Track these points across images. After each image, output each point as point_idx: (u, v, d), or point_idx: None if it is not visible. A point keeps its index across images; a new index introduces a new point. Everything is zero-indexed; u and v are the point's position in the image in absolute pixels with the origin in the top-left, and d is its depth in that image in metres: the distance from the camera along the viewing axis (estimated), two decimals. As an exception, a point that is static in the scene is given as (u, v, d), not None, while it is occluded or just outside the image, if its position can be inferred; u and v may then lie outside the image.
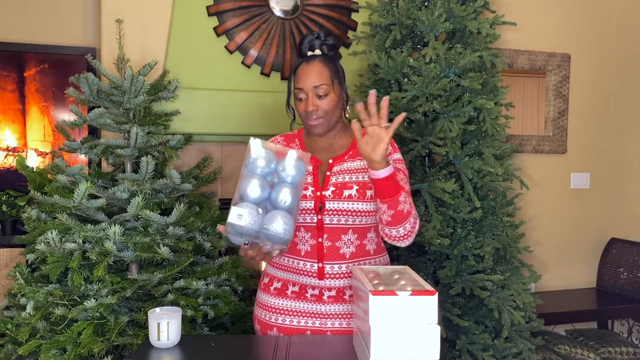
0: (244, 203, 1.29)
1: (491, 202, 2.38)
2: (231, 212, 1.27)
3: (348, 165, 1.59)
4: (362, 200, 1.54)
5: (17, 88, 2.94)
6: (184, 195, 2.22)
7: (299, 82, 1.57)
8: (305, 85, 1.55)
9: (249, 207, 1.28)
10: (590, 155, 3.52)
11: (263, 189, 1.31)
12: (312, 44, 1.59)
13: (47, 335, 1.85)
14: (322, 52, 1.59)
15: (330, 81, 1.56)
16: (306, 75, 1.56)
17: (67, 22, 3.01)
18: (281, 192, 1.31)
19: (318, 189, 1.55)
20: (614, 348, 2.87)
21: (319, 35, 1.60)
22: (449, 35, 2.47)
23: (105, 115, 2.04)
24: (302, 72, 1.57)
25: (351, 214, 1.54)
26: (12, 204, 2.74)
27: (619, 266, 3.38)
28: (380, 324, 1.15)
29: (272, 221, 1.29)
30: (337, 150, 1.64)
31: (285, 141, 1.68)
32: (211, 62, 2.77)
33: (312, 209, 1.54)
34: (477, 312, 2.29)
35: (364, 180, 1.56)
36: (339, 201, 1.53)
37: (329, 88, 1.56)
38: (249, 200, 1.30)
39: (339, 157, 1.61)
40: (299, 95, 1.58)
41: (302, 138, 1.68)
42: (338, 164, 1.60)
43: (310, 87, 1.55)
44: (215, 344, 1.43)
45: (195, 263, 2.11)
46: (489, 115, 2.34)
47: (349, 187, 1.54)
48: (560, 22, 3.41)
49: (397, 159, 1.61)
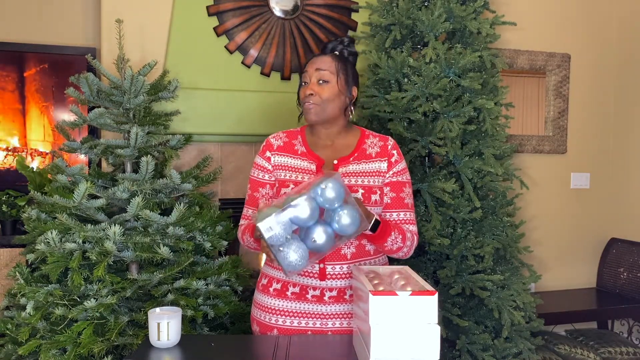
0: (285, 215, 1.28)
1: (491, 202, 2.38)
2: (264, 223, 1.26)
3: (353, 167, 1.58)
4: (367, 204, 1.54)
5: (17, 88, 2.94)
6: (184, 195, 2.22)
7: (306, 67, 1.60)
8: (310, 69, 1.59)
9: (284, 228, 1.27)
10: (590, 155, 3.52)
11: (312, 218, 1.30)
12: (334, 47, 1.63)
13: (47, 335, 1.85)
14: (342, 55, 1.63)
15: (335, 71, 1.57)
16: (314, 61, 1.60)
17: (67, 22, 3.01)
18: (317, 231, 1.31)
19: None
20: (614, 348, 2.87)
21: (342, 40, 1.64)
22: (449, 35, 2.47)
23: (105, 115, 2.04)
24: (312, 60, 1.61)
25: None
26: (12, 204, 2.74)
27: (619, 266, 3.37)
28: (380, 324, 1.15)
29: (289, 249, 1.29)
30: (342, 150, 1.62)
31: (288, 137, 1.66)
32: (211, 62, 2.77)
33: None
34: (477, 312, 2.29)
35: (369, 184, 1.56)
36: None
37: (332, 77, 1.57)
38: (292, 218, 1.29)
39: (344, 157, 1.60)
40: (303, 79, 1.60)
41: (304, 135, 1.67)
42: (343, 165, 1.58)
43: (313, 71, 1.57)
44: (215, 344, 1.43)
45: (195, 263, 2.11)
46: (489, 115, 2.34)
47: (355, 191, 1.54)
48: (560, 22, 3.41)
49: (402, 169, 1.62)
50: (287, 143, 1.64)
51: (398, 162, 1.61)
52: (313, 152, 1.62)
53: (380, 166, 1.60)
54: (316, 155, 1.60)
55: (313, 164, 1.59)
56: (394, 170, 1.60)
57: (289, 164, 1.61)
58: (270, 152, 1.64)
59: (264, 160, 1.64)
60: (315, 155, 1.61)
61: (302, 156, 1.61)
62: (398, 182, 1.61)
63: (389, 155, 1.61)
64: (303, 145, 1.63)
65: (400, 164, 1.62)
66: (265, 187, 1.63)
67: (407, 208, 1.61)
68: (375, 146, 1.62)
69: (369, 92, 2.44)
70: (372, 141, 1.64)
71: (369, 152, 1.61)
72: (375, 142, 1.64)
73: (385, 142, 1.64)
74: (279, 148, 1.63)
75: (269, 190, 1.63)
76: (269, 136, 1.67)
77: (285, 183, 1.58)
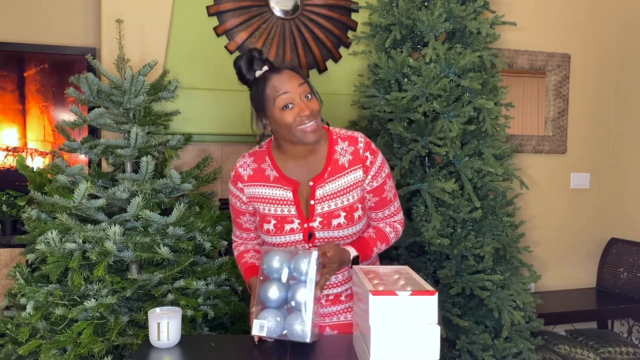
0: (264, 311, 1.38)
1: (491, 202, 2.38)
2: (254, 325, 1.37)
3: (330, 187, 1.51)
4: (351, 224, 1.52)
5: (17, 88, 2.94)
6: (184, 195, 2.22)
7: (281, 88, 1.42)
8: (292, 88, 1.42)
9: (270, 315, 1.37)
10: (590, 155, 3.52)
11: (281, 291, 1.39)
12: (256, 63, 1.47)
13: (47, 335, 1.85)
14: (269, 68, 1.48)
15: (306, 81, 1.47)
16: (282, 81, 1.43)
17: (67, 22, 3.01)
18: (297, 292, 1.38)
19: (304, 221, 1.51)
20: (613, 348, 2.87)
21: (254, 55, 1.47)
22: (449, 35, 2.47)
23: (105, 115, 2.04)
24: (279, 80, 1.43)
25: (342, 239, 1.54)
26: (12, 204, 2.74)
27: (619, 266, 3.37)
28: (380, 324, 1.15)
29: (292, 325, 1.36)
30: (314, 166, 1.52)
31: (256, 162, 1.56)
32: (211, 62, 2.77)
33: (302, 240, 1.52)
34: (477, 312, 2.29)
35: (349, 203, 1.51)
36: (329, 230, 1.51)
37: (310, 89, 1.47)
38: (269, 303, 1.39)
39: (318, 176, 1.51)
40: (285, 102, 1.42)
41: (272, 155, 1.56)
42: (320, 186, 1.51)
43: (296, 88, 1.42)
44: (215, 344, 1.43)
45: (195, 263, 2.11)
46: (489, 115, 2.34)
47: (336, 216, 1.50)
48: (560, 22, 3.41)
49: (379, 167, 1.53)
50: (256, 170, 1.55)
51: (373, 163, 1.51)
52: (286, 176, 1.53)
53: (357, 176, 1.51)
54: (290, 180, 1.52)
55: (289, 190, 1.52)
56: (371, 173, 1.51)
57: (264, 195, 1.54)
58: (242, 183, 1.56)
59: (238, 190, 1.57)
60: (289, 180, 1.52)
61: (275, 183, 1.53)
62: (378, 186, 1.54)
63: (362, 161, 1.51)
64: (274, 169, 1.54)
65: (376, 163, 1.52)
66: (245, 216, 1.62)
67: (391, 202, 1.60)
68: (346, 153, 1.51)
69: (369, 92, 2.44)
70: (342, 147, 1.52)
71: (342, 163, 1.51)
72: (345, 147, 1.51)
73: (356, 146, 1.51)
74: (250, 178, 1.55)
75: (249, 217, 1.62)
76: (237, 164, 1.58)
77: (266, 218, 1.53)
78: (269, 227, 1.53)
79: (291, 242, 1.52)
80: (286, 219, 1.51)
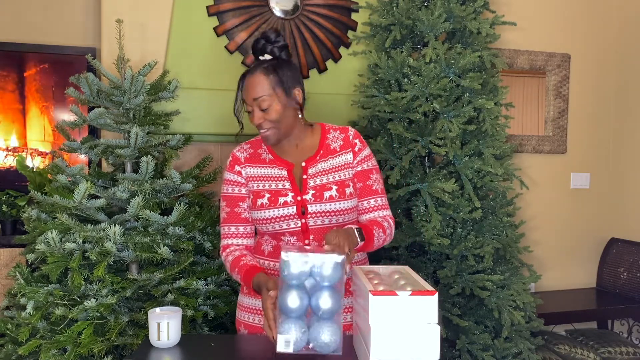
0: (284, 323, 1.25)
1: (491, 202, 2.38)
2: (278, 341, 1.24)
3: (322, 165, 1.60)
4: (343, 198, 1.56)
5: (17, 88, 2.94)
6: (184, 195, 2.23)
7: (245, 94, 1.57)
8: (248, 99, 1.56)
9: (294, 326, 1.25)
10: (590, 155, 3.52)
11: (302, 299, 1.26)
12: (263, 48, 1.57)
13: (47, 335, 1.85)
14: (273, 55, 1.57)
15: (272, 91, 1.53)
16: (247, 88, 1.55)
17: (67, 22, 3.01)
18: (321, 298, 1.26)
19: (298, 194, 1.56)
20: (613, 348, 2.87)
21: (268, 37, 1.58)
22: (449, 35, 2.47)
23: (105, 115, 2.04)
24: (246, 84, 1.56)
25: (334, 214, 1.56)
26: (12, 204, 2.74)
27: (619, 266, 3.37)
28: (380, 324, 1.15)
29: (318, 336, 1.24)
30: (307, 151, 1.63)
31: (252, 148, 1.66)
32: (211, 62, 2.77)
33: (295, 214, 1.54)
34: (477, 312, 2.30)
35: (340, 178, 1.58)
36: (321, 203, 1.54)
37: (271, 99, 1.53)
38: (290, 313, 1.26)
39: (310, 158, 1.61)
40: (247, 107, 1.58)
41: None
42: (312, 165, 1.60)
43: (252, 101, 1.54)
44: (215, 344, 1.43)
45: (195, 263, 2.11)
46: (489, 115, 2.34)
47: (328, 188, 1.56)
48: (560, 22, 3.41)
49: (367, 155, 1.63)
50: (252, 154, 1.65)
51: (362, 150, 1.63)
52: (280, 157, 1.62)
53: (347, 158, 1.61)
54: (284, 161, 1.61)
55: (283, 169, 1.60)
56: (358, 158, 1.62)
57: (260, 174, 1.62)
58: (239, 165, 1.64)
59: (235, 174, 1.64)
60: (284, 161, 1.61)
61: (270, 164, 1.62)
62: (364, 170, 1.62)
63: (352, 145, 1.63)
64: (269, 153, 1.64)
65: (364, 151, 1.63)
66: (246, 201, 1.63)
67: (378, 194, 1.63)
68: (337, 140, 1.64)
69: (369, 92, 2.44)
70: (334, 135, 1.65)
71: (333, 147, 1.63)
72: (337, 135, 1.65)
73: (346, 133, 1.65)
74: (247, 160, 1.64)
75: (249, 202, 1.63)
76: (234, 150, 1.68)
77: (260, 193, 1.58)
78: (262, 201, 1.57)
79: (284, 216, 1.54)
80: (280, 192, 1.56)
